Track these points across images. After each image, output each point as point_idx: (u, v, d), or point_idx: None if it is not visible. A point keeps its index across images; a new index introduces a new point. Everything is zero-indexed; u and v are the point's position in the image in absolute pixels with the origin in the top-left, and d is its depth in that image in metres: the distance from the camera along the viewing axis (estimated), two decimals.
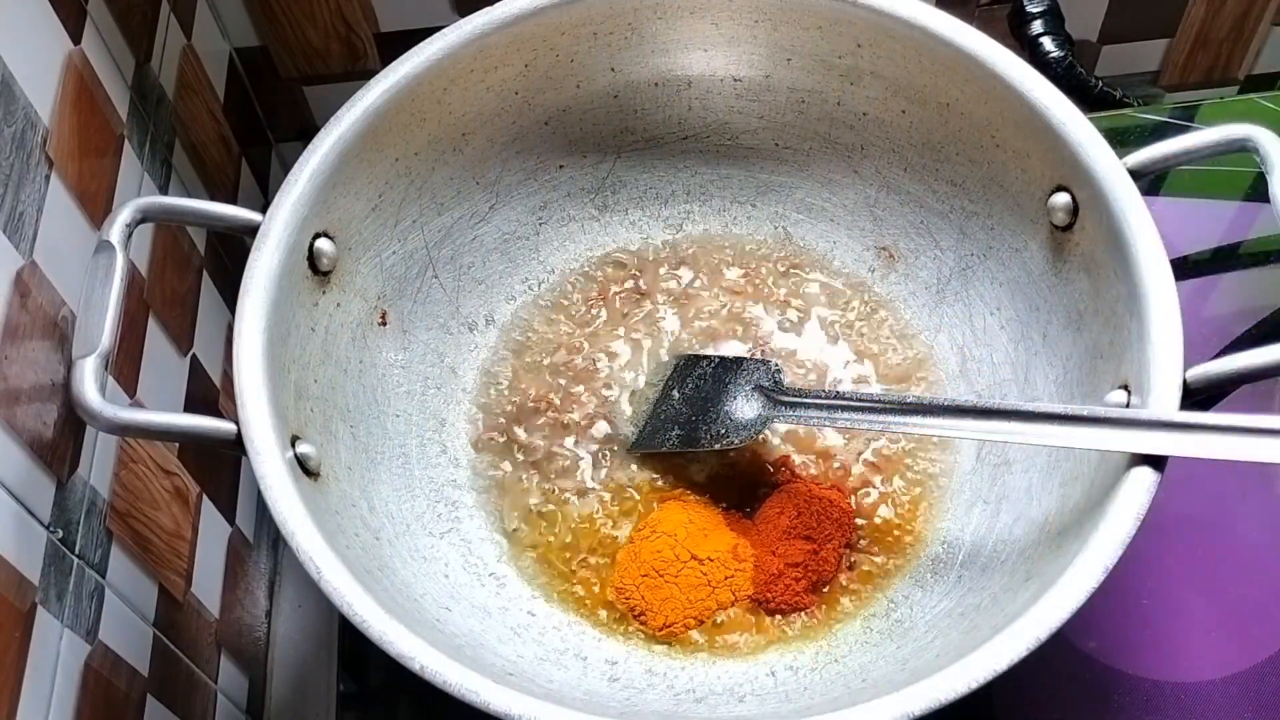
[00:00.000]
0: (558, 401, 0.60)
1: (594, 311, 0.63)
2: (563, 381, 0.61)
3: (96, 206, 0.51)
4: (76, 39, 0.52)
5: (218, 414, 0.49)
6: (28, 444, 0.44)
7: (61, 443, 0.46)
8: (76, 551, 0.47)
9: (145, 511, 0.53)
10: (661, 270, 0.64)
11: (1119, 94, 0.78)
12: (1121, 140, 0.72)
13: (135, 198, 0.51)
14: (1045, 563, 0.47)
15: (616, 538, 0.56)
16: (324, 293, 0.54)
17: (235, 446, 0.46)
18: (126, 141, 0.55)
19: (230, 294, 0.56)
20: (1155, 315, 0.47)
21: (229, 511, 0.63)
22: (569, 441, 0.59)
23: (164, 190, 0.59)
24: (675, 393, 0.59)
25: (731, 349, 0.62)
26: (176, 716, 0.54)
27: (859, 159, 0.62)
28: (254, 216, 0.51)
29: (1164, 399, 0.45)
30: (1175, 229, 0.70)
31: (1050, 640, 0.42)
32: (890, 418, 0.51)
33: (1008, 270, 0.58)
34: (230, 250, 0.66)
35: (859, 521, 0.56)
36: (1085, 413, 0.46)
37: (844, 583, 0.55)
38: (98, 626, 0.48)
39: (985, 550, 0.53)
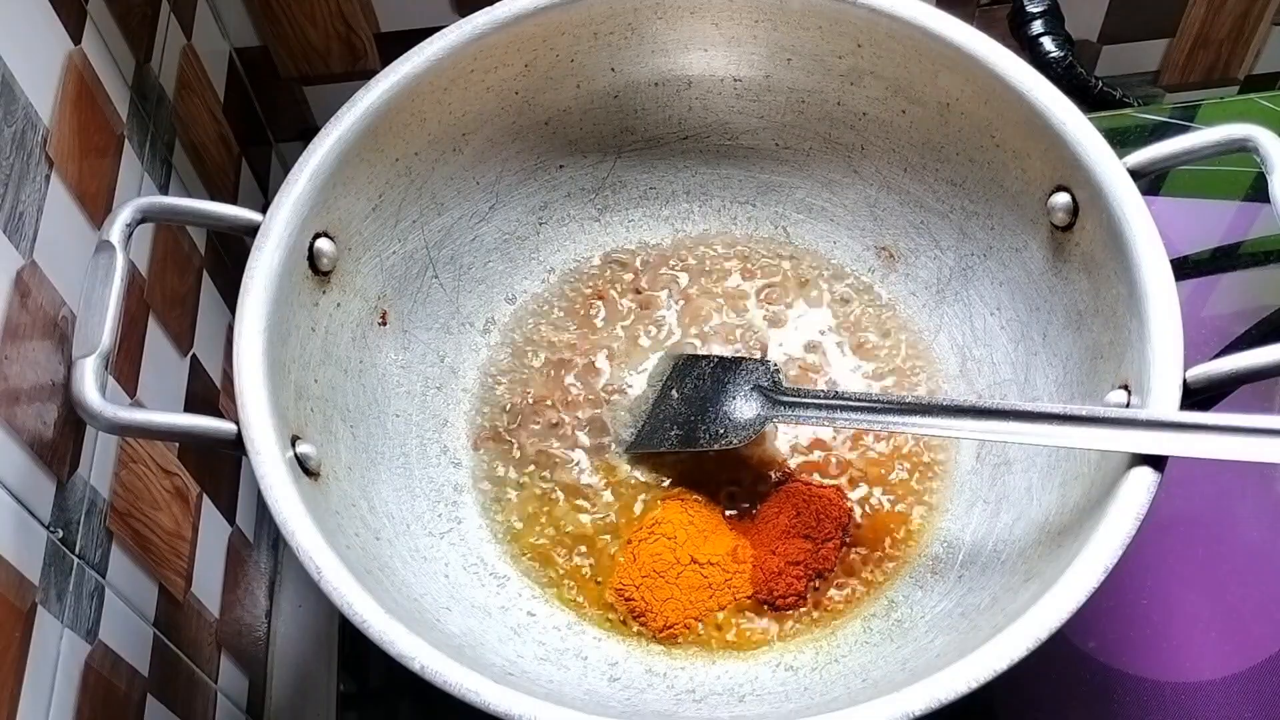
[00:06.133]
0: (558, 401, 0.60)
1: (594, 311, 0.63)
2: (563, 381, 0.61)
3: (96, 206, 0.51)
4: (77, 39, 0.52)
5: (218, 414, 0.49)
6: (28, 444, 0.44)
7: (61, 443, 0.46)
8: (77, 551, 0.47)
9: (145, 511, 0.53)
10: (661, 270, 0.64)
11: (1119, 94, 0.78)
12: (1121, 140, 0.72)
13: (135, 198, 0.51)
14: (1045, 563, 0.47)
15: (616, 538, 0.56)
16: (324, 293, 0.54)
17: (235, 446, 0.46)
18: (126, 141, 0.55)
19: (230, 294, 0.56)
20: (1155, 315, 0.47)
21: (229, 511, 0.63)
22: (569, 441, 0.59)
23: (164, 190, 0.59)
24: (674, 393, 0.59)
25: (730, 349, 0.62)
26: (176, 716, 0.54)
27: (859, 159, 0.62)
28: (254, 216, 0.51)
29: (1164, 399, 0.45)
30: (1175, 229, 0.70)
31: (1050, 640, 0.42)
32: (890, 418, 0.51)
33: (1008, 270, 0.58)
34: (230, 250, 0.66)
35: (858, 521, 0.56)
36: (1085, 413, 0.46)
37: (843, 582, 0.55)
38: (98, 626, 0.48)
39: (985, 550, 0.53)
